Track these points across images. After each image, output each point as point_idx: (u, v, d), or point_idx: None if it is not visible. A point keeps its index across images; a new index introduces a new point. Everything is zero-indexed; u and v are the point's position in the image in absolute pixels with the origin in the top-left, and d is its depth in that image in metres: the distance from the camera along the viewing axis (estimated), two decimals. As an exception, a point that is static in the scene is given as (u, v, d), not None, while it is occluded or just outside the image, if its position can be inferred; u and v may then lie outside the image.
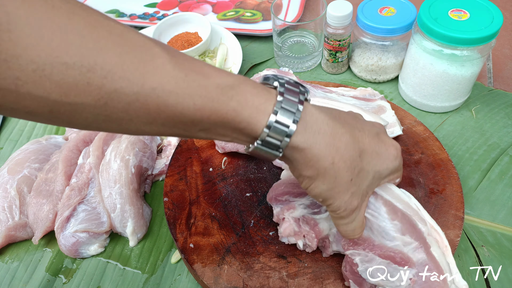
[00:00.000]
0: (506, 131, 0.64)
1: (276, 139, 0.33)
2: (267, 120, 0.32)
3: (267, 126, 0.32)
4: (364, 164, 0.37)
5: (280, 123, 0.32)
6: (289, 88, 0.34)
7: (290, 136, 0.33)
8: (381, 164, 0.39)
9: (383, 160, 0.39)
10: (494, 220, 0.54)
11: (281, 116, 0.32)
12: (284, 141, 0.33)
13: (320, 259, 0.48)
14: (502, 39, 0.81)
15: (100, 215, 0.54)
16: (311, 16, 0.87)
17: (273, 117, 0.32)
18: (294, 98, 0.33)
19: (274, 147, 0.33)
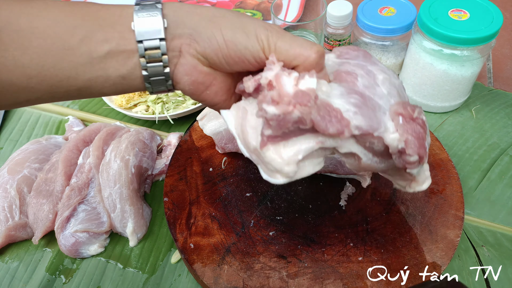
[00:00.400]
0: (506, 131, 0.64)
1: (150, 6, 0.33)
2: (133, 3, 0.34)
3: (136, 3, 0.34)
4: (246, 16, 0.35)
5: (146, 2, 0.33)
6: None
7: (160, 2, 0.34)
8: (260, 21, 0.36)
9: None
10: (494, 220, 0.54)
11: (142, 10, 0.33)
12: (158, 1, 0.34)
13: (320, 259, 0.48)
14: (502, 39, 0.81)
15: (100, 215, 0.54)
16: (311, 16, 0.87)
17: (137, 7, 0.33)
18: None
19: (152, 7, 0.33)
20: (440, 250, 0.47)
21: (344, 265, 0.47)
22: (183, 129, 0.69)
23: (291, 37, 0.33)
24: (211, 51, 0.34)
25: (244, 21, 0.34)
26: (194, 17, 0.34)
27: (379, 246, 0.48)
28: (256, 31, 0.33)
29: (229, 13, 0.35)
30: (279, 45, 0.33)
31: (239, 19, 0.34)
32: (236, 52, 0.34)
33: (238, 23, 0.34)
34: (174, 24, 0.34)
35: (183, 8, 0.35)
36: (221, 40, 0.33)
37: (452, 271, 0.49)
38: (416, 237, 0.49)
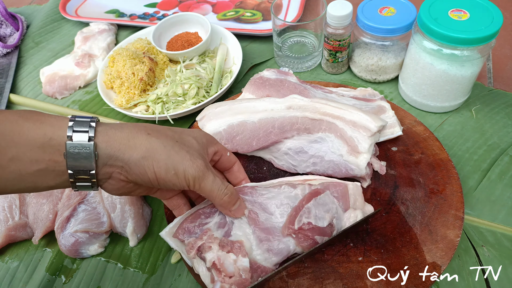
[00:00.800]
0: (506, 131, 0.64)
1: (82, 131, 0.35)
2: (66, 124, 0.35)
3: (69, 126, 0.35)
4: (179, 133, 0.42)
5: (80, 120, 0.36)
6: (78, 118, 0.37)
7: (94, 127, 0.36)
8: (194, 132, 0.44)
9: (193, 130, 0.45)
10: (494, 220, 0.54)
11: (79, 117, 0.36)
12: (90, 131, 0.36)
13: (320, 259, 0.48)
14: (502, 39, 0.81)
15: (100, 215, 0.54)
16: (311, 16, 0.87)
17: (71, 122, 0.36)
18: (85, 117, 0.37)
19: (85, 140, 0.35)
20: (440, 250, 0.47)
21: (344, 265, 0.47)
22: (183, 129, 0.69)
23: (212, 180, 0.41)
24: (141, 181, 0.39)
25: (176, 160, 0.39)
26: (128, 152, 0.37)
27: (379, 246, 0.48)
28: (185, 173, 0.39)
29: (162, 147, 0.39)
30: (202, 186, 0.41)
31: (171, 159, 0.39)
32: (165, 185, 0.40)
33: (170, 163, 0.39)
34: (106, 156, 0.37)
35: (116, 138, 0.37)
36: (152, 177, 0.39)
37: (452, 271, 0.49)
38: (416, 237, 0.49)
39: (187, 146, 0.41)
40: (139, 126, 0.40)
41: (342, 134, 0.54)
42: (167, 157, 0.39)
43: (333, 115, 0.55)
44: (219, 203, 0.44)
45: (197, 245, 0.43)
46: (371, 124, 0.53)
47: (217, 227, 0.46)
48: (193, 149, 0.41)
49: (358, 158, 0.52)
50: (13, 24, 0.91)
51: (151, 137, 0.39)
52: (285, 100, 0.57)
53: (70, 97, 0.78)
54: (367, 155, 0.52)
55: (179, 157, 0.39)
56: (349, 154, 0.53)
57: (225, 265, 0.42)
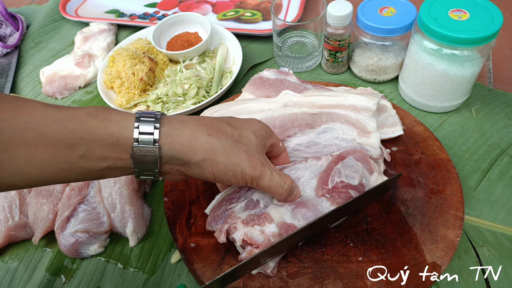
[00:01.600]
0: (506, 131, 0.64)
1: (147, 133, 0.37)
2: (133, 124, 0.36)
3: (135, 127, 0.36)
4: (238, 129, 0.42)
5: (145, 121, 0.37)
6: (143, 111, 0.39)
7: (159, 128, 0.37)
8: (252, 125, 0.44)
9: (251, 123, 0.44)
10: (494, 220, 0.54)
11: (144, 118, 0.37)
12: (155, 133, 0.37)
13: (320, 259, 0.48)
14: (502, 39, 0.81)
15: (100, 215, 0.54)
16: (311, 16, 0.87)
17: (137, 123, 0.37)
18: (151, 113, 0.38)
19: (150, 142, 0.37)
20: (440, 250, 0.47)
21: (344, 265, 0.47)
22: (183, 129, 0.69)
23: (269, 178, 0.42)
24: (198, 178, 0.42)
25: (234, 162, 0.40)
26: (189, 154, 0.39)
27: (379, 246, 0.48)
28: (243, 173, 0.41)
29: (222, 149, 0.40)
30: (260, 184, 0.42)
31: (229, 161, 0.40)
32: (222, 182, 0.42)
33: (228, 165, 0.40)
34: (168, 157, 0.39)
35: (179, 140, 0.38)
36: (210, 176, 0.41)
37: (452, 271, 0.49)
38: (416, 237, 0.49)
39: (246, 145, 0.41)
40: (201, 124, 0.40)
41: (347, 119, 0.54)
42: (226, 159, 0.40)
43: (330, 105, 0.55)
44: (278, 197, 0.45)
45: (224, 229, 0.45)
46: (369, 103, 0.54)
47: (243, 209, 0.47)
48: (252, 146, 0.42)
49: (370, 138, 0.53)
50: (13, 24, 0.91)
51: (212, 138, 0.39)
52: (279, 98, 0.57)
53: (70, 97, 0.78)
54: (377, 133, 0.53)
55: (238, 159, 0.40)
56: (361, 136, 0.54)
57: (254, 238, 0.44)
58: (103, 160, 0.36)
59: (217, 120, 0.42)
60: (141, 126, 0.37)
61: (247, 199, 0.48)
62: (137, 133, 0.36)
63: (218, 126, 0.41)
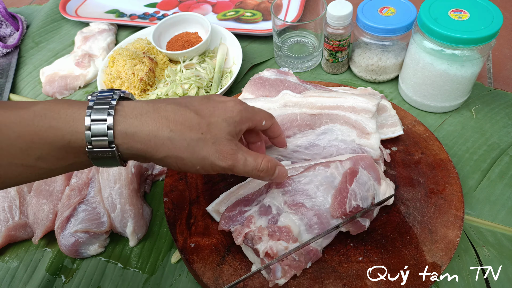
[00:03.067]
0: (506, 131, 0.64)
1: (100, 135, 0.34)
2: (83, 124, 0.33)
3: (86, 127, 0.33)
4: (208, 118, 0.39)
5: (97, 120, 0.34)
6: (99, 95, 0.36)
7: (112, 128, 0.34)
8: (225, 112, 0.40)
9: (224, 109, 0.40)
10: (494, 220, 0.54)
11: (95, 115, 0.34)
12: (109, 134, 0.34)
13: (320, 259, 0.48)
14: (502, 39, 0.81)
15: (100, 215, 0.54)
16: (311, 16, 0.87)
17: (88, 119, 0.33)
18: (105, 100, 0.35)
19: (105, 146, 0.34)
20: (440, 250, 0.47)
21: (344, 265, 0.47)
22: (183, 129, 0.69)
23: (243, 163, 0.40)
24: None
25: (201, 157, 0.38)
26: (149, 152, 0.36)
27: (379, 246, 0.48)
28: (213, 165, 0.39)
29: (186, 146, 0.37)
30: (235, 171, 0.40)
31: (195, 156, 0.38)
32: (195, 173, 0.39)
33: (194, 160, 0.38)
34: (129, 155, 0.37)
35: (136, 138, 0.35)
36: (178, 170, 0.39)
37: (452, 271, 0.49)
38: (416, 237, 0.49)
39: (214, 135, 0.38)
40: (162, 117, 0.36)
41: (346, 120, 0.54)
42: (190, 155, 0.37)
43: (329, 106, 0.55)
44: (257, 179, 0.43)
45: (244, 232, 0.45)
46: (369, 104, 0.54)
47: (258, 214, 0.46)
48: (221, 135, 0.39)
49: (370, 140, 0.53)
50: (13, 24, 0.91)
51: (174, 134, 0.36)
52: (279, 98, 0.57)
53: (70, 97, 0.78)
54: (377, 134, 0.53)
55: (204, 152, 0.38)
56: (360, 138, 0.54)
57: (279, 253, 0.44)
58: (61, 160, 0.34)
59: (182, 109, 0.38)
60: (93, 126, 0.33)
61: (259, 204, 0.48)
62: (89, 135, 0.33)
63: (182, 118, 0.37)
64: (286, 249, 0.44)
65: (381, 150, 0.55)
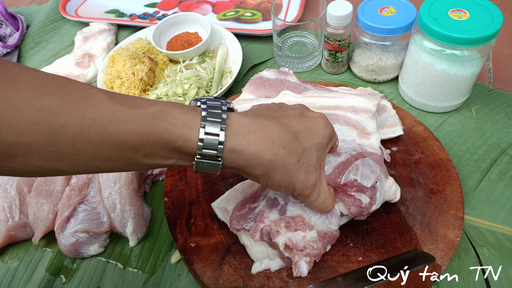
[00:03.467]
0: (506, 131, 0.64)
1: (211, 149, 0.36)
2: (198, 135, 0.36)
3: (199, 139, 0.36)
4: (303, 143, 0.40)
5: (210, 134, 0.36)
6: (210, 104, 0.38)
7: (223, 143, 0.36)
8: (317, 136, 0.42)
9: (317, 132, 0.42)
10: (494, 220, 0.54)
11: (209, 128, 0.36)
12: (219, 149, 0.36)
13: (320, 259, 0.48)
14: (502, 39, 0.81)
15: (100, 215, 0.54)
16: (311, 16, 0.87)
17: (202, 130, 0.36)
18: (217, 110, 0.37)
19: (213, 158, 0.36)
20: (440, 250, 0.47)
21: (344, 265, 0.47)
22: (183, 129, 0.69)
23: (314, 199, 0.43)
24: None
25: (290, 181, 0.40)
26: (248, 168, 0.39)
27: (379, 246, 0.48)
28: (294, 189, 0.41)
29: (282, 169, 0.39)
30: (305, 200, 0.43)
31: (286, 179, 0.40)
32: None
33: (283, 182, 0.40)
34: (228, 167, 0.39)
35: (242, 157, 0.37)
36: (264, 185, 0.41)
37: (452, 271, 0.49)
38: (416, 237, 0.49)
39: (306, 163, 0.41)
40: (268, 139, 0.38)
41: (347, 120, 0.54)
42: (282, 178, 0.39)
43: (330, 106, 0.55)
44: (317, 211, 0.46)
45: (259, 228, 0.45)
46: (369, 104, 0.54)
47: (268, 208, 0.47)
48: (311, 164, 0.41)
49: (370, 139, 0.53)
50: (13, 24, 0.91)
51: (276, 158, 0.38)
52: (279, 98, 0.57)
53: (70, 97, 0.78)
54: (377, 134, 0.53)
55: (294, 179, 0.40)
56: (360, 137, 0.54)
57: (297, 244, 0.44)
58: (166, 159, 0.37)
59: (285, 131, 0.40)
60: (206, 139, 0.36)
61: (265, 198, 0.48)
62: (201, 147, 0.36)
63: (285, 141, 0.39)
64: (304, 238, 0.44)
65: (381, 150, 0.55)
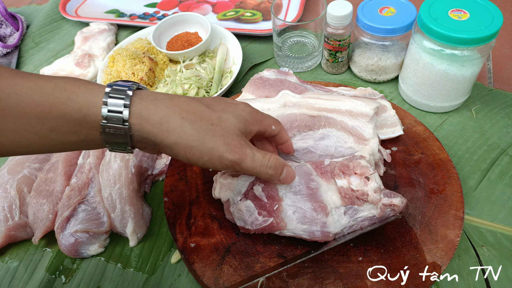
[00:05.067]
0: (506, 131, 0.64)
1: (116, 112, 0.35)
2: (101, 98, 0.35)
3: (103, 102, 0.35)
4: (219, 112, 0.40)
5: (115, 98, 0.35)
6: (118, 81, 0.37)
7: (128, 106, 0.35)
8: (238, 109, 0.41)
9: (238, 105, 0.42)
10: (494, 220, 0.54)
11: (114, 93, 0.35)
12: (125, 112, 0.35)
13: (320, 259, 0.48)
14: (502, 39, 0.81)
15: (100, 215, 0.54)
16: (311, 16, 0.87)
17: (106, 96, 0.35)
18: (123, 86, 0.37)
19: (119, 121, 0.35)
20: (440, 250, 0.47)
21: (344, 265, 0.47)
22: (183, 129, 0.69)
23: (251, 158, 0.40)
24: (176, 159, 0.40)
25: (210, 147, 0.38)
26: (159, 136, 0.37)
27: (379, 246, 0.48)
28: (221, 158, 0.39)
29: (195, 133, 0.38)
30: (242, 167, 0.40)
31: (204, 145, 0.38)
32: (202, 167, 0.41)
33: (203, 149, 0.38)
34: (139, 137, 0.37)
35: (149, 121, 0.37)
36: (185, 160, 0.39)
37: (452, 271, 0.49)
38: (416, 237, 0.49)
39: (224, 129, 0.39)
40: (175, 105, 0.38)
41: (343, 126, 0.54)
42: (199, 143, 0.38)
43: (327, 109, 0.55)
44: (266, 178, 0.43)
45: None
46: (367, 108, 0.53)
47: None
48: (231, 130, 0.40)
49: (367, 146, 0.53)
50: (13, 24, 0.91)
51: (185, 122, 0.37)
52: (278, 98, 0.57)
53: (70, 97, 0.78)
54: (375, 139, 0.52)
55: (213, 143, 0.38)
56: (358, 144, 0.53)
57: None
58: (73, 134, 0.35)
59: (195, 101, 0.40)
60: (110, 103, 0.35)
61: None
62: (105, 111, 0.35)
63: (193, 108, 0.39)
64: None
65: (381, 152, 0.55)
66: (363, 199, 0.46)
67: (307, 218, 0.46)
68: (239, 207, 0.47)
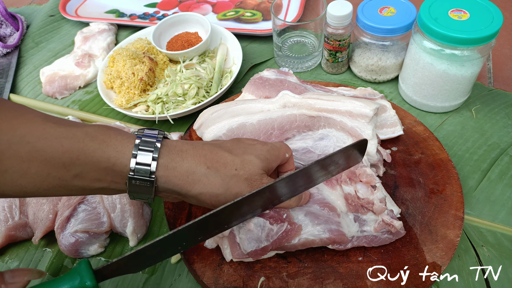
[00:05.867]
0: (506, 131, 0.64)
1: (144, 165, 0.36)
2: (131, 151, 0.35)
3: (133, 155, 0.35)
4: (241, 155, 0.41)
5: (144, 150, 0.36)
6: (146, 131, 0.38)
7: (156, 159, 0.36)
8: (257, 150, 0.42)
9: (255, 145, 0.43)
10: (494, 220, 0.54)
11: (143, 144, 0.36)
12: (153, 165, 0.36)
13: (320, 259, 0.48)
14: (502, 39, 0.81)
15: (100, 215, 0.54)
16: (311, 16, 0.87)
17: (136, 148, 0.35)
18: (151, 137, 0.37)
19: (146, 174, 0.36)
20: (440, 250, 0.47)
21: (344, 265, 0.47)
22: (183, 129, 0.69)
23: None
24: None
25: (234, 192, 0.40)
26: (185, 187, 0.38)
27: (379, 246, 0.48)
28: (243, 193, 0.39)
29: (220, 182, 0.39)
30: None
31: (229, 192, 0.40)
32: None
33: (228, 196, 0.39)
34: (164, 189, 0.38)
35: (176, 174, 0.37)
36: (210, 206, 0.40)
37: (452, 271, 0.49)
38: (416, 237, 0.49)
39: (247, 171, 0.40)
40: (200, 155, 0.39)
41: (343, 127, 0.54)
42: (225, 190, 0.39)
43: (327, 109, 0.55)
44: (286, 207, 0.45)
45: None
46: (366, 109, 0.53)
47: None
48: (254, 171, 0.41)
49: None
50: (13, 24, 0.91)
51: (210, 171, 0.38)
52: (278, 98, 0.57)
53: (70, 97, 0.78)
54: (374, 140, 0.52)
55: (238, 188, 0.40)
56: None
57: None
58: (97, 181, 0.36)
59: (217, 149, 0.41)
60: (139, 155, 0.36)
61: None
62: (134, 163, 0.35)
63: (217, 156, 0.40)
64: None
65: (380, 152, 0.55)
66: (368, 207, 0.46)
67: (320, 217, 0.46)
68: (247, 228, 0.44)
